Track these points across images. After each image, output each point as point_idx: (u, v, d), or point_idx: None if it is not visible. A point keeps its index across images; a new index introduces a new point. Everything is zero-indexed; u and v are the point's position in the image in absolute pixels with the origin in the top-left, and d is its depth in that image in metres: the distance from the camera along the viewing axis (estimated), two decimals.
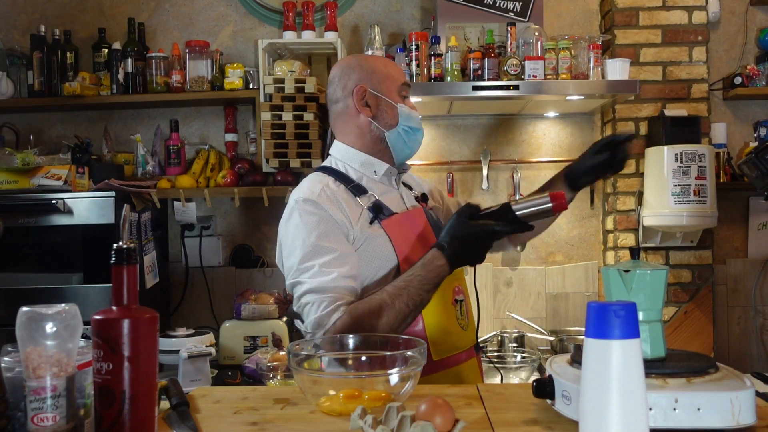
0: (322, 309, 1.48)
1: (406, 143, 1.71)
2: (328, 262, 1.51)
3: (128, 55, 3.03)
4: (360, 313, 1.46)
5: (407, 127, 1.70)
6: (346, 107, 1.71)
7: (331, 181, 1.64)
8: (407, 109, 1.72)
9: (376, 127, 1.69)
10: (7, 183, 2.73)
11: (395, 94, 1.71)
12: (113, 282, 0.99)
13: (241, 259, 3.23)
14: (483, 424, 1.12)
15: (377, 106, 1.69)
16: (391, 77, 1.71)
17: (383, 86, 1.70)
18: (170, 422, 1.16)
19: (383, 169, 1.70)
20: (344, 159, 1.71)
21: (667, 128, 2.88)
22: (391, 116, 1.70)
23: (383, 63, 1.75)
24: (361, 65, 1.72)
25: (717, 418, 1.00)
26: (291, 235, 1.57)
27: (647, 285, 1.14)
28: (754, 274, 3.15)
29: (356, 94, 1.69)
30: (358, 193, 1.63)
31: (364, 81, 1.69)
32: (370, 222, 1.60)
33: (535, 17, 2.90)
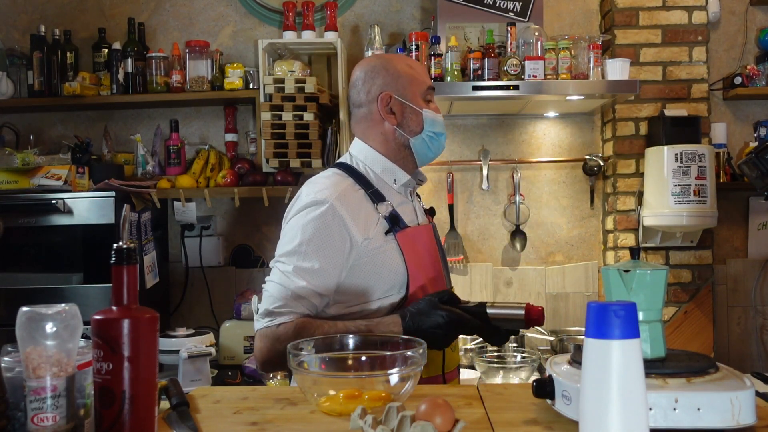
0: (273, 306, 1.51)
1: (429, 148, 1.68)
2: (305, 268, 1.51)
3: (128, 55, 3.03)
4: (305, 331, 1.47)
5: (432, 132, 1.67)
6: (370, 113, 1.67)
7: (348, 184, 1.59)
8: (432, 114, 1.67)
9: (401, 134, 1.66)
10: (7, 183, 2.73)
11: (420, 99, 1.67)
12: (113, 282, 0.99)
13: (241, 259, 3.23)
14: (483, 424, 1.12)
15: (402, 113, 1.66)
16: (416, 81, 1.67)
17: (408, 92, 1.66)
18: (170, 422, 1.16)
19: (404, 179, 1.67)
20: (366, 161, 1.67)
21: (667, 128, 2.88)
22: (416, 123, 1.66)
23: (408, 65, 1.70)
24: (386, 68, 1.67)
25: (717, 418, 1.00)
26: (290, 226, 1.58)
27: (647, 285, 1.14)
28: (754, 274, 3.15)
29: (381, 101, 1.65)
30: (377, 200, 1.60)
31: (389, 87, 1.65)
32: (385, 232, 1.57)
33: (535, 17, 2.90)
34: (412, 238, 1.60)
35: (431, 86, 1.70)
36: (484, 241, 3.18)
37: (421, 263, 1.61)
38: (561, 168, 3.19)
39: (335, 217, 1.52)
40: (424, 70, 1.74)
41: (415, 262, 1.59)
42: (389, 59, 1.72)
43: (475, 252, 3.15)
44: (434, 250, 1.68)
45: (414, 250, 1.60)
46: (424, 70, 1.73)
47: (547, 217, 3.18)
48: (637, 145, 3.03)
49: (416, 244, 1.61)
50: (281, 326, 1.49)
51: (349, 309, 1.59)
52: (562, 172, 3.19)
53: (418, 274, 1.59)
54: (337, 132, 2.93)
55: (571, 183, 3.19)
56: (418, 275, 1.58)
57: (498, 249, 3.19)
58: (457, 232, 3.15)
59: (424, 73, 1.72)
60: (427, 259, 1.64)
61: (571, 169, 3.18)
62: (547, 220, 3.18)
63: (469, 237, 3.18)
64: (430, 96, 1.70)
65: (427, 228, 1.70)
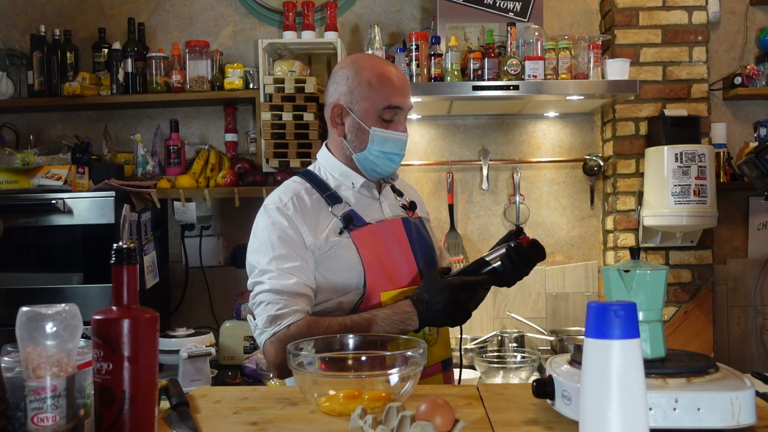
0: (276, 309, 1.51)
1: (376, 165, 1.65)
2: (289, 268, 1.53)
3: (128, 55, 3.03)
4: (317, 327, 1.49)
5: (378, 152, 1.63)
6: (328, 115, 1.70)
7: (304, 190, 1.64)
8: (383, 133, 1.62)
9: (346, 146, 1.66)
10: (7, 183, 2.73)
11: (373, 117, 1.62)
12: (113, 282, 0.99)
13: (241, 259, 3.20)
14: (483, 424, 1.12)
15: (349, 127, 1.64)
16: (373, 98, 1.61)
17: (361, 106, 1.62)
18: (170, 422, 1.16)
19: (360, 182, 1.67)
20: (326, 166, 1.71)
21: (667, 128, 2.88)
22: (361, 140, 1.64)
23: (376, 78, 1.62)
24: (349, 78, 1.63)
25: (717, 418, 1.00)
26: (258, 237, 1.61)
27: (647, 285, 1.14)
28: (754, 274, 3.15)
29: (332, 110, 1.66)
30: (332, 202, 1.63)
31: (344, 98, 1.63)
32: (339, 232, 1.59)
33: (535, 17, 2.90)
34: (369, 234, 1.61)
35: (392, 105, 1.62)
36: (484, 241, 3.17)
37: (381, 258, 1.60)
38: (561, 168, 3.19)
39: (287, 219, 1.57)
40: (396, 87, 1.63)
41: (373, 258, 1.59)
42: (360, 67, 1.65)
43: (475, 252, 3.15)
44: (403, 243, 1.66)
45: (372, 244, 1.60)
46: (395, 86, 1.63)
47: (547, 217, 3.18)
48: (637, 145, 3.03)
49: (375, 238, 1.61)
50: (292, 326, 1.50)
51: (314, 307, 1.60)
52: (562, 172, 3.19)
53: (377, 269, 1.59)
54: None
55: (571, 183, 3.19)
56: (377, 270, 1.58)
57: None
58: (457, 232, 3.15)
59: (393, 90, 1.62)
60: (393, 253, 1.63)
61: (571, 169, 3.18)
62: (547, 220, 3.18)
63: (469, 237, 3.18)
64: (391, 115, 1.62)
65: (395, 222, 1.67)
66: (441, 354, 1.70)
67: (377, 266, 1.59)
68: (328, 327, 1.49)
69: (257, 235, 1.61)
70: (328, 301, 1.59)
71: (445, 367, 1.71)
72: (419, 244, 1.69)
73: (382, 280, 1.59)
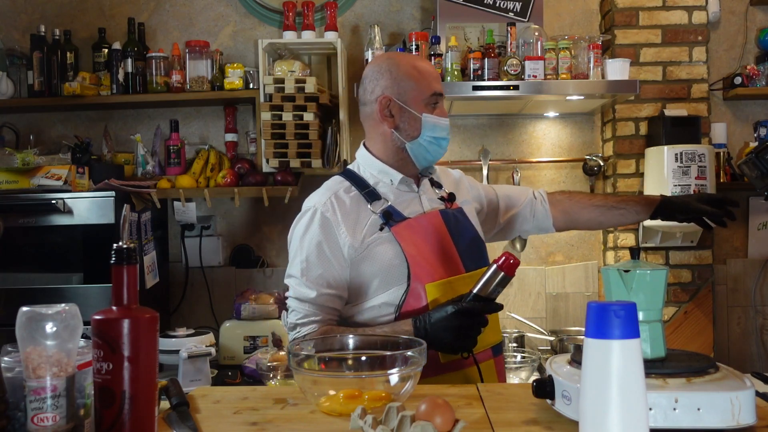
0: (297, 318, 1.61)
1: (428, 152, 1.70)
2: (313, 278, 1.60)
3: (128, 55, 3.03)
4: None
5: (431, 137, 1.69)
6: (372, 112, 1.72)
7: (343, 189, 1.68)
8: (433, 119, 1.69)
9: (397, 137, 1.69)
10: (7, 183, 2.73)
11: (421, 104, 1.68)
12: (113, 282, 0.99)
13: (241, 259, 3.23)
14: (483, 424, 1.12)
15: (400, 117, 1.68)
16: (419, 87, 1.68)
17: (409, 96, 1.67)
18: (170, 422, 1.16)
19: (398, 178, 1.71)
20: (364, 164, 1.75)
21: (667, 128, 2.88)
22: (414, 128, 1.68)
23: (416, 69, 1.70)
24: (391, 71, 1.69)
25: (717, 418, 1.00)
26: (293, 239, 1.67)
27: (647, 285, 1.14)
28: (754, 274, 3.15)
29: (380, 104, 1.69)
30: (371, 199, 1.66)
31: (390, 90, 1.68)
32: (380, 228, 1.62)
33: (535, 17, 2.90)
34: (409, 228, 1.64)
35: (437, 92, 1.70)
36: None
37: (423, 251, 1.63)
38: (561, 168, 3.19)
39: (324, 222, 1.61)
40: (434, 75, 1.72)
41: (414, 252, 1.61)
42: (398, 61, 1.72)
43: None
44: (443, 234, 1.68)
45: (412, 240, 1.63)
46: (433, 75, 1.72)
47: None
48: (637, 145, 3.03)
49: (415, 233, 1.64)
50: (306, 337, 1.58)
51: (352, 307, 1.65)
52: (562, 172, 3.19)
53: (420, 262, 1.61)
54: (337, 132, 2.93)
55: (572, 183, 3.18)
56: (420, 263, 1.61)
57: (498, 249, 3.19)
58: None
59: (433, 78, 1.71)
60: (433, 246, 1.65)
61: (571, 169, 3.18)
62: None
63: None
64: (435, 101, 1.70)
65: (432, 215, 1.70)
66: (492, 339, 1.69)
67: (420, 259, 1.61)
68: None
69: (293, 237, 1.67)
70: (373, 298, 1.62)
71: (495, 352, 1.72)
72: (460, 235, 1.71)
73: (426, 273, 1.61)
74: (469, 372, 1.62)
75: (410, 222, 1.65)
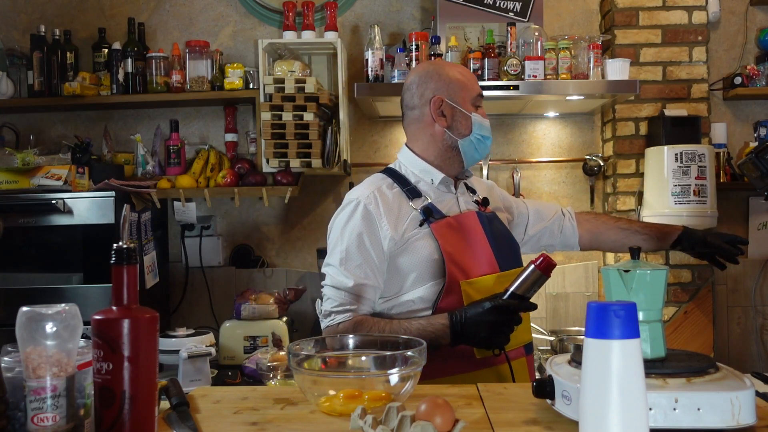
0: (332, 306, 1.64)
1: (476, 150, 1.78)
2: (352, 267, 1.64)
3: (128, 55, 3.03)
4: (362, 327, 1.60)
5: (480, 135, 1.77)
6: (422, 115, 1.78)
7: (386, 185, 1.74)
8: (480, 118, 1.77)
9: (449, 136, 1.76)
10: (7, 183, 2.73)
11: (469, 105, 1.77)
12: (113, 282, 0.99)
13: (241, 259, 3.23)
14: (483, 424, 1.12)
15: (452, 116, 1.76)
16: (467, 87, 1.77)
17: (459, 97, 1.76)
18: (170, 422, 1.16)
19: (439, 178, 1.77)
20: (406, 163, 1.81)
21: (667, 128, 2.88)
22: (465, 126, 1.76)
23: (460, 72, 1.80)
24: (439, 74, 1.77)
25: (717, 418, 1.00)
26: (334, 229, 1.72)
27: (647, 285, 1.14)
28: (754, 274, 3.15)
29: (433, 104, 1.75)
30: (412, 196, 1.72)
31: (441, 91, 1.75)
32: (420, 224, 1.68)
33: (535, 17, 2.90)
34: (447, 226, 1.69)
35: (480, 93, 1.80)
36: None
37: (460, 249, 1.68)
38: (561, 168, 3.19)
39: (367, 214, 1.66)
40: (475, 78, 1.84)
41: (452, 249, 1.66)
42: (443, 66, 1.84)
43: None
44: (479, 234, 1.73)
45: (451, 237, 1.68)
46: (474, 78, 1.83)
47: None
48: (637, 145, 3.03)
49: (454, 231, 1.70)
50: (341, 324, 1.62)
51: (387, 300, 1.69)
52: (562, 172, 3.19)
53: (457, 260, 1.66)
54: (337, 132, 2.93)
55: (571, 183, 3.18)
56: (457, 260, 1.66)
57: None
58: None
59: (475, 81, 1.82)
60: (471, 244, 1.70)
61: (571, 169, 3.18)
62: None
63: None
64: (479, 102, 1.79)
65: (470, 215, 1.75)
66: (523, 338, 1.74)
67: (456, 257, 1.66)
68: (371, 329, 1.59)
69: (333, 227, 1.72)
70: (409, 292, 1.67)
71: (527, 350, 1.77)
72: (495, 235, 1.77)
73: (461, 270, 1.66)
74: (502, 369, 1.66)
75: (449, 220, 1.71)
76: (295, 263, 3.23)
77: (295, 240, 3.23)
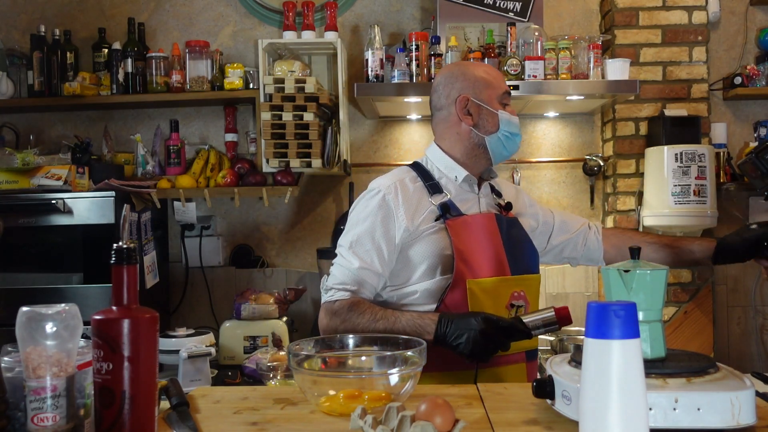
0: (333, 282, 1.69)
1: (504, 147, 1.79)
2: (360, 252, 1.68)
3: (128, 55, 3.03)
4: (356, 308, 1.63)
5: (507, 132, 1.78)
6: (449, 115, 1.81)
7: (409, 177, 1.78)
8: (507, 115, 1.78)
9: (476, 134, 1.78)
10: (7, 183, 2.73)
11: (496, 102, 1.78)
12: (113, 282, 0.99)
13: (241, 259, 3.23)
14: (483, 424, 1.12)
15: (479, 115, 1.78)
16: (492, 86, 1.79)
17: (484, 95, 1.78)
18: (170, 422, 1.16)
19: (463, 175, 1.79)
20: (433, 159, 1.84)
21: (667, 128, 2.88)
22: (491, 124, 1.78)
23: (485, 71, 1.82)
24: (464, 74, 1.80)
25: (717, 418, 1.00)
26: (352, 213, 1.77)
27: (647, 285, 1.14)
28: (754, 274, 3.15)
29: (459, 103, 1.78)
30: (433, 191, 1.75)
31: (467, 90, 1.78)
32: (436, 219, 1.71)
33: (535, 17, 2.90)
34: (463, 224, 1.71)
35: (507, 91, 1.82)
36: None
37: (472, 248, 1.68)
38: (561, 168, 3.19)
39: (384, 203, 1.70)
40: (501, 76, 1.85)
41: (464, 247, 1.67)
42: (468, 66, 1.87)
43: None
44: (495, 236, 1.73)
45: (464, 236, 1.69)
46: (500, 76, 1.85)
47: None
48: (637, 145, 3.03)
49: (469, 230, 1.71)
50: (337, 302, 1.65)
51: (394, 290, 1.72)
52: (562, 172, 3.19)
53: (467, 258, 1.67)
54: (337, 132, 2.93)
55: (571, 183, 3.19)
56: (467, 259, 1.67)
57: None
58: None
59: (501, 79, 1.83)
60: (484, 245, 1.70)
61: (571, 169, 3.18)
62: None
63: None
64: (506, 100, 1.81)
65: (487, 216, 1.76)
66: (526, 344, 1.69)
67: (467, 255, 1.67)
68: (364, 312, 1.62)
69: (353, 212, 1.77)
70: (416, 284, 1.69)
71: (529, 357, 1.75)
72: (511, 239, 1.77)
73: (470, 269, 1.67)
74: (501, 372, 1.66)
75: (465, 218, 1.73)
76: (295, 263, 3.23)
77: (295, 240, 3.23)
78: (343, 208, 3.18)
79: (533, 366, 1.78)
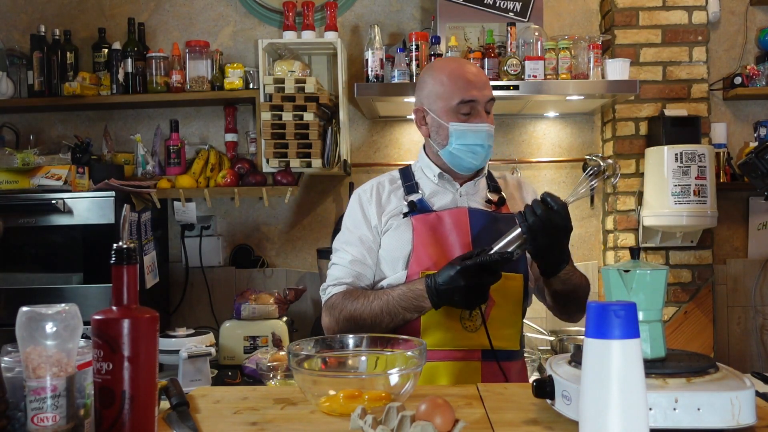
0: (329, 282, 1.76)
1: (461, 159, 1.75)
2: (349, 248, 1.76)
3: (128, 55, 3.03)
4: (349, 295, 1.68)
5: (460, 145, 1.72)
6: (414, 118, 1.84)
7: (389, 179, 1.84)
8: (462, 126, 1.71)
9: (432, 144, 1.79)
10: (7, 183, 2.73)
11: (449, 114, 1.71)
12: (113, 282, 0.99)
13: (241, 259, 3.23)
14: (483, 424, 1.12)
15: (431, 126, 1.77)
16: (444, 97, 1.71)
17: (436, 107, 1.74)
18: (170, 422, 1.16)
19: (436, 172, 1.80)
20: (419, 158, 1.88)
21: (667, 128, 2.88)
22: (442, 137, 1.75)
23: (443, 80, 1.73)
24: (425, 82, 1.78)
25: (717, 418, 1.00)
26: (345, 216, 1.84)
27: (647, 285, 1.14)
28: (754, 274, 3.15)
29: (416, 115, 1.81)
30: (409, 191, 1.79)
31: (424, 100, 1.78)
32: (403, 215, 1.74)
33: (535, 17, 2.90)
34: (428, 220, 1.72)
35: (466, 99, 1.70)
36: None
37: (435, 243, 1.69)
38: (561, 168, 3.19)
39: (359, 202, 1.80)
40: (467, 82, 1.72)
41: (426, 242, 1.69)
42: (435, 69, 1.79)
43: None
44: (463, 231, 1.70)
45: (428, 231, 1.70)
46: (468, 81, 1.72)
47: None
48: (637, 145, 3.03)
49: (433, 226, 1.71)
50: (332, 297, 1.71)
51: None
52: (562, 172, 3.19)
53: (425, 253, 1.68)
54: (337, 132, 2.93)
55: (571, 183, 3.18)
56: (424, 254, 1.68)
57: None
58: None
59: (467, 85, 1.71)
60: (448, 240, 1.69)
61: (571, 169, 3.18)
62: None
63: None
64: (465, 109, 1.71)
65: (458, 211, 1.73)
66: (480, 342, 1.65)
67: (423, 248, 1.69)
68: (357, 297, 1.66)
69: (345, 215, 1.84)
70: (384, 279, 1.74)
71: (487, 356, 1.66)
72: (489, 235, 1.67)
73: (423, 262, 1.67)
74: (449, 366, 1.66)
75: (431, 214, 1.74)
76: (295, 263, 3.23)
77: (295, 240, 3.23)
78: (343, 208, 3.18)
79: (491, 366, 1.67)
